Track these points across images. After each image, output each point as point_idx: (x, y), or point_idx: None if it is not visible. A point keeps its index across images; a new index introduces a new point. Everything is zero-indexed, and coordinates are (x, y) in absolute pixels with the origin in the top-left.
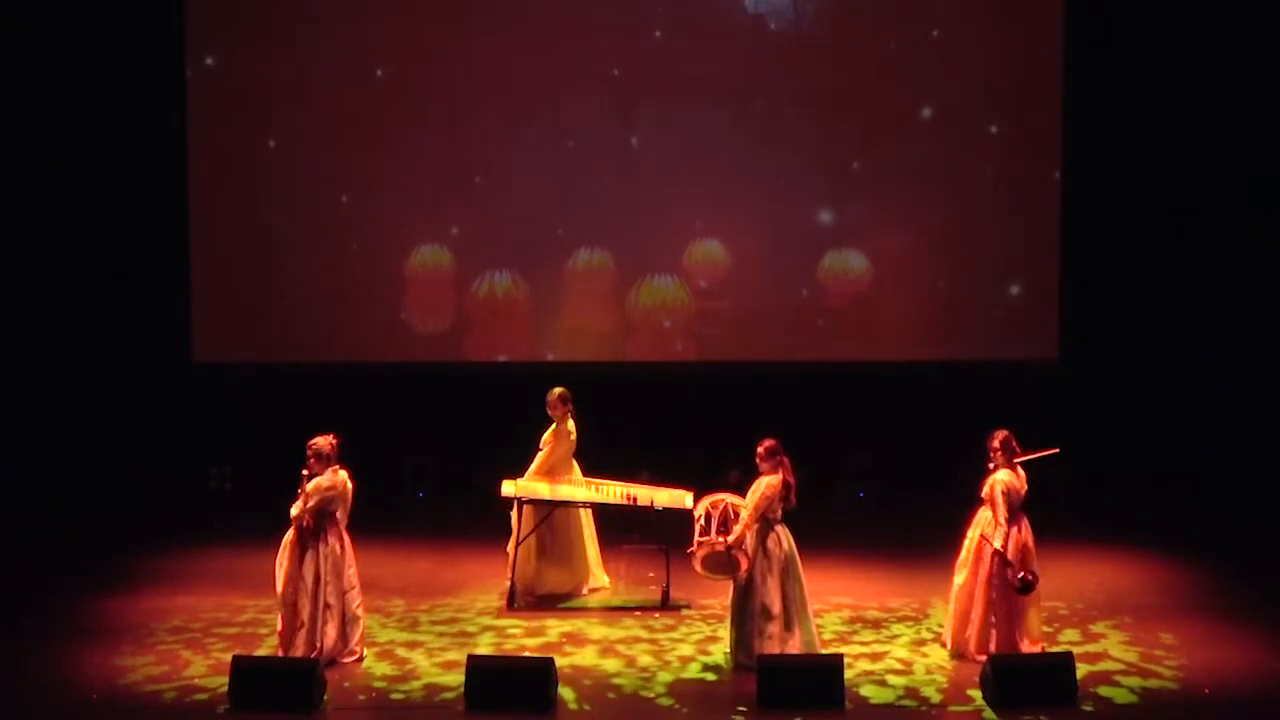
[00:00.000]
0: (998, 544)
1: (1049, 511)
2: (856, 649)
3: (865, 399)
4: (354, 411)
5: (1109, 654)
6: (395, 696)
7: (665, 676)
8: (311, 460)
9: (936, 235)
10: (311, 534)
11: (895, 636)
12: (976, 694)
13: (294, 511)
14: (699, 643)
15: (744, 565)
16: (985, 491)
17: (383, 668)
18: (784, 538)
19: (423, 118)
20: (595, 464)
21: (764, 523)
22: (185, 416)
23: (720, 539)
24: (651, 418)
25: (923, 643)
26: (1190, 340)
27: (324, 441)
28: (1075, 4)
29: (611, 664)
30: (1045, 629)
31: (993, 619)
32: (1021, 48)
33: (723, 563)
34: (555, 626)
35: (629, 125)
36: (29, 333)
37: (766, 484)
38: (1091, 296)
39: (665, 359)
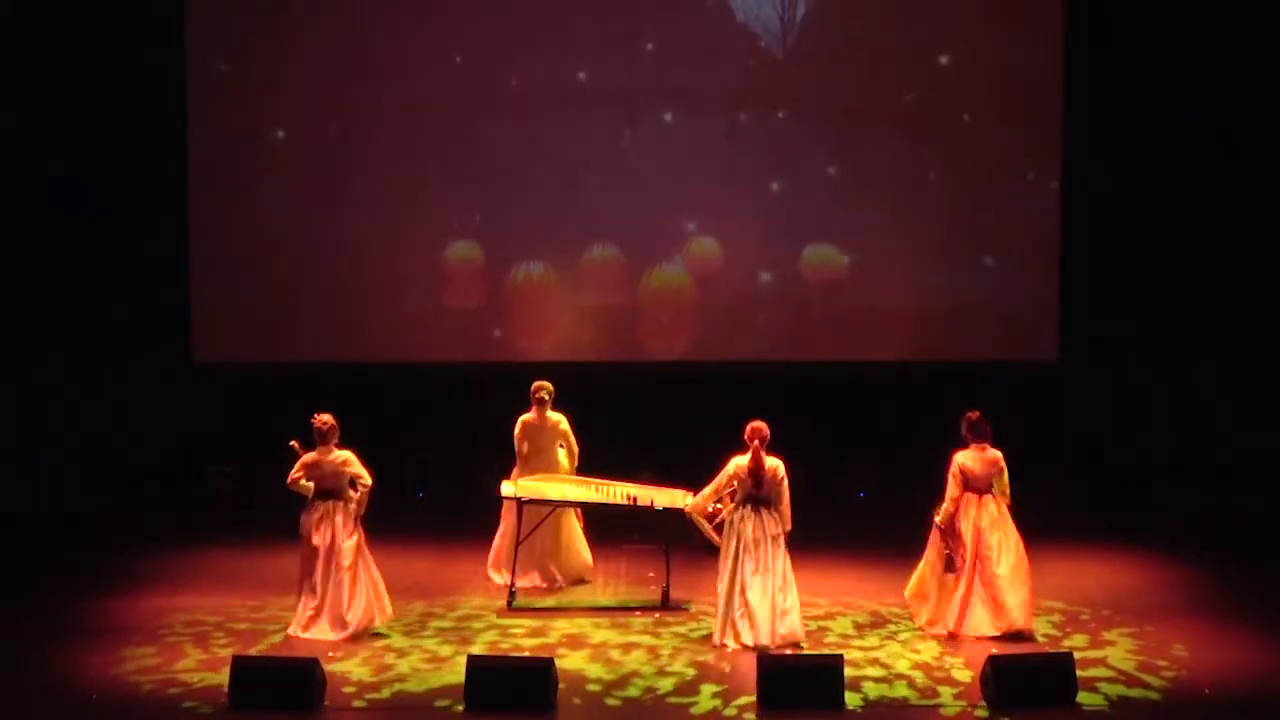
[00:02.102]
0: (938, 518)
1: (1050, 511)
2: (856, 649)
3: (865, 399)
4: (354, 411)
5: (1106, 660)
6: (393, 695)
7: (646, 678)
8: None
9: (936, 235)
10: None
11: (895, 636)
12: (947, 690)
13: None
14: (692, 643)
15: (712, 538)
16: None
17: (381, 667)
18: (749, 522)
19: (423, 121)
20: (595, 464)
21: (739, 505)
22: (185, 416)
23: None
24: (651, 418)
25: (922, 640)
26: (1190, 340)
27: (318, 420)
28: (1075, 4)
29: (595, 667)
30: (1054, 632)
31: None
32: (1022, 47)
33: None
34: (555, 627)
35: (628, 130)
36: (29, 333)
37: (734, 464)
38: (1091, 296)
39: (665, 359)
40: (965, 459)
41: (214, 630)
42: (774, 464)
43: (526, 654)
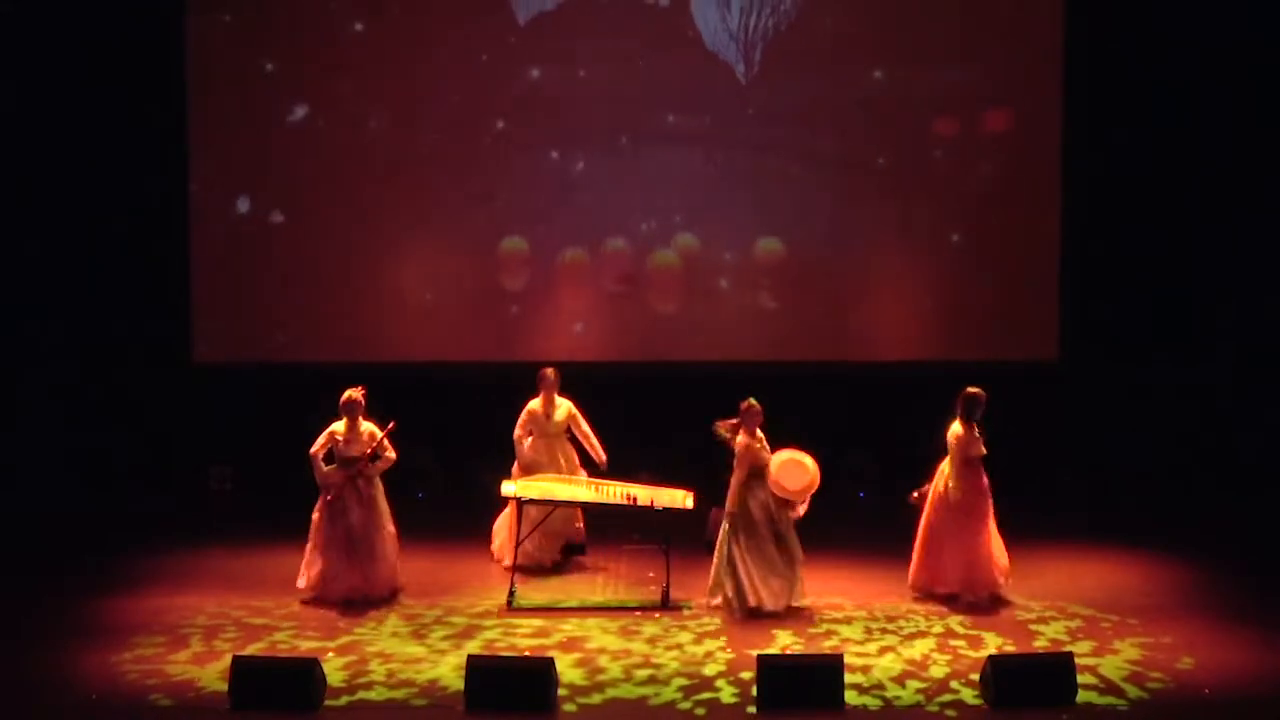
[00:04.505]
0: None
1: (1050, 511)
2: (854, 649)
3: (865, 399)
4: None
5: (1098, 669)
6: (392, 696)
7: (619, 687)
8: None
9: (934, 236)
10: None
11: (899, 631)
12: (967, 690)
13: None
14: (685, 645)
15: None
16: None
17: (379, 669)
18: (756, 497)
19: (424, 122)
20: (595, 464)
21: (743, 482)
22: (185, 416)
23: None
24: (651, 417)
25: (923, 638)
26: (1190, 339)
27: (344, 395)
28: (1076, 1)
29: (575, 672)
30: (1064, 637)
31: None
32: (1022, 46)
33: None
34: (554, 627)
35: (624, 137)
36: (29, 332)
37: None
38: (1091, 296)
39: (666, 359)
40: (951, 433)
41: (214, 630)
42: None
43: (526, 654)
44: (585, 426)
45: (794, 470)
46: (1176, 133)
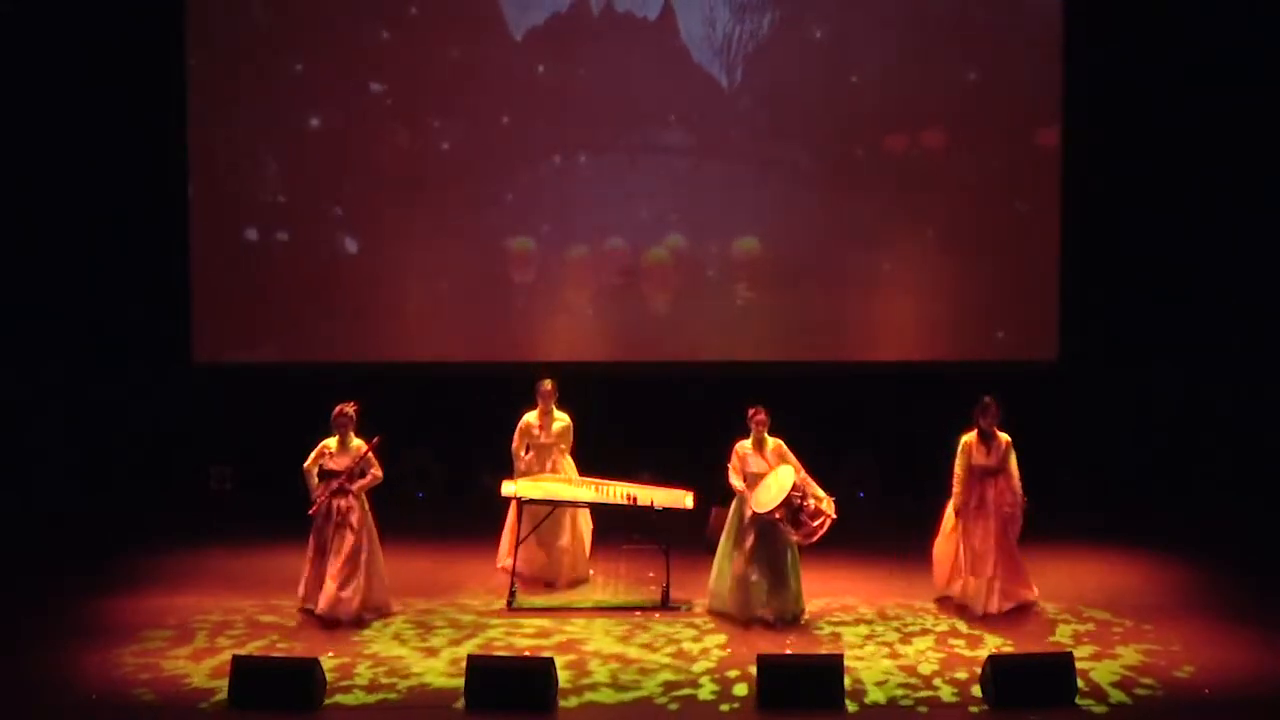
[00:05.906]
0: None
1: (1050, 511)
2: (853, 649)
3: (865, 399)
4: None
5: (1089, 674)
6: (392, 696)
7: (600, 692)
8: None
9: (936, 236)
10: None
11: (902, 630)
12: (947, 688)
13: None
14: (683, 645)
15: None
16: None
17: (380, 667)
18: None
19: (427, 122)
20: (595, 464)
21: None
22: (185, 416)
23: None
24: (651, 418)
25: (920, 634)
26: (1190, 339)
27: (335, 410)
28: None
29: (564, 674)
30: (1067, 641)
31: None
32: (1021, 44)
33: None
34: (553, 628)
35: (622, 140)
36: (29, 332)
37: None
38: (1091, 296)
39: (665, 359)
40: (965, 441)
41: (215, 630)
42: (775, 442)
43: (527, 653)
44: (568, 445)
45: (764, 488)
46: (1176, 132)
